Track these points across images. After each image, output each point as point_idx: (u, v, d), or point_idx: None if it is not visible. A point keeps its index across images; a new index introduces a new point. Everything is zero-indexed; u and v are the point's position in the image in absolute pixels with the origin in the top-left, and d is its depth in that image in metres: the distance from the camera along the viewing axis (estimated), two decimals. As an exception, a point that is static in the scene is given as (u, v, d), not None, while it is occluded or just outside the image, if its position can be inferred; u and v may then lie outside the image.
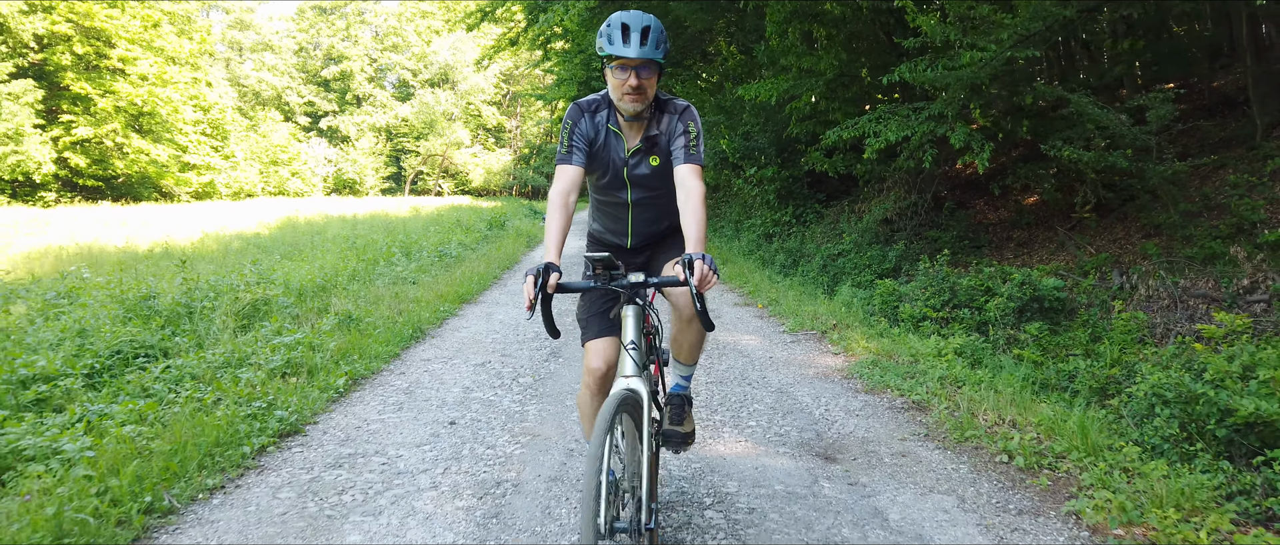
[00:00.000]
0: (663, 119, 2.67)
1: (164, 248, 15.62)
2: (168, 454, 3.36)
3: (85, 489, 2.93)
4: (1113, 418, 4.49)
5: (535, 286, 2.16)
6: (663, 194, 2.74)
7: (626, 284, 2.36)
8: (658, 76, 2.55)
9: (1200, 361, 4.78)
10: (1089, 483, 3.27)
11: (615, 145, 2.69)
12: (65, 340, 4.94)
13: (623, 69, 2.47)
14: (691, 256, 2.20)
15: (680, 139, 2.60)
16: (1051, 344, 6.95)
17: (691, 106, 2.68)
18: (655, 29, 2.48)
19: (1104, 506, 3.05)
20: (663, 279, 2.36)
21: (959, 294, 8.12)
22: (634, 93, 2.50)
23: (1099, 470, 3.36)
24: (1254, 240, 7.72)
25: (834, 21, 12.43)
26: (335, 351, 5.52)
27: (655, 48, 2.45)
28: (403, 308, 7.51)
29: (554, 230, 2.45)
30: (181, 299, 6.24)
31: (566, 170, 2.59)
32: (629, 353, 2.42)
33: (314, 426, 4.26)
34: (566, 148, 2.64)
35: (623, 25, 2.46)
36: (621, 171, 2.71)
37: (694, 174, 2.55)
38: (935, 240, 11.15)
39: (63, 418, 3.65)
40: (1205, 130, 11.20)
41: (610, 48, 2.46)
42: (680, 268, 2.21)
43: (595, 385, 2.68)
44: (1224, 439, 3.97)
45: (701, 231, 2.41)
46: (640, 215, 2.84)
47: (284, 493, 3.34)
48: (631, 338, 2.44)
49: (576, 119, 2.65)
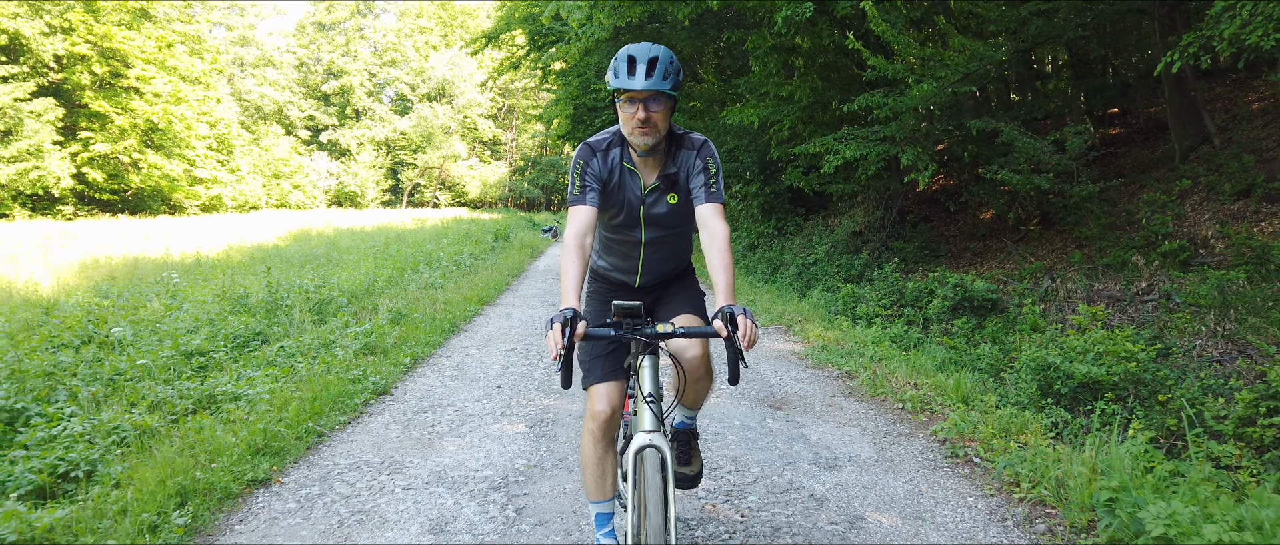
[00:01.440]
0: (679, 155, 2.59)
1: (195, 258, 16.99)
2: (308, 401, 4.81)
3: (269, 417, 4.39)
4: (990, 380, 5.97)
5: (563, 334, 2.07)
6: (677, 233, 2.72)
7: (652, 334, 2.25)
8: (670, 109, 2.46)
9: (1066, 343, 6.28)
10: (950, 418, 4.75)
11: (631, 183, 2.61)
12: (199, 327, 6.40)
13: (631, 102, 2.40)
14: (732, 310, 2.13)
15: (700, 176, 2.53)
16: (975, 335, 8.45)
17: (709, 142, 2.61)
18: (664, 60, 2.39)
19: (953, 428, 4.54)
20: (697, 330, 2.25)
21: (906, 295, 9.62)
22: (643, 126, 2.41)
23: (960, 410, 4.84)
24: (1156, 250, 9.23)
25: (807, 54, 13.97)
26: (396, 339, 6.98)
27: (664, 79, 2.37)
28: (437, 308, 8.98)
29: (572, 274, 2.35)
30: (267, 298, 7.70)
31: (580, 211, 2.49)
32: (649, 406, 2.30)
33: (397, 389, 5.72)
34: (578, 188, 2.52)
35: (629, 58, 2.40)
36: (637, 210, 2.63)
37: (717, 214, 2.48)
38: (899, 250, 12.70)
39: (226, 377, 5.10)
40: (1136, 153, 12.79)
41: (617, 81, 2.39)
42: (720, 322, 2.13)
43: (600, 431, 2.62)
44: (1068, 394, 5.45)
45: (731, 278, 2.35)
46: (652, 254, 2.75)
47: (392, 426, 4.79)
48: (649, 390, 2.33)
49: (588, 159, 2.56)
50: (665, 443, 2.26)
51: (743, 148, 17.48)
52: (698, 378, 2.68)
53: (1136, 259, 9.31)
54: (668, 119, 2.47)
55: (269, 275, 8.86)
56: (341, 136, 65.94)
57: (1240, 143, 10.74)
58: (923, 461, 4.17)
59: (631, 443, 2.29)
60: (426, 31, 73.08)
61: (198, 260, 16.59)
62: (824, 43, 12.64)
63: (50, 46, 32.18)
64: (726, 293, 2.28)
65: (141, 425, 3.95)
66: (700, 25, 15.86)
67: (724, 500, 3.64)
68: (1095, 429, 4.09)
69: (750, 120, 13.83)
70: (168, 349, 5.54)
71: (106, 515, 3.04)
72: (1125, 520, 2.92)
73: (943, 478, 3.92)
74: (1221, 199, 9.76)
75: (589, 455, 2.67)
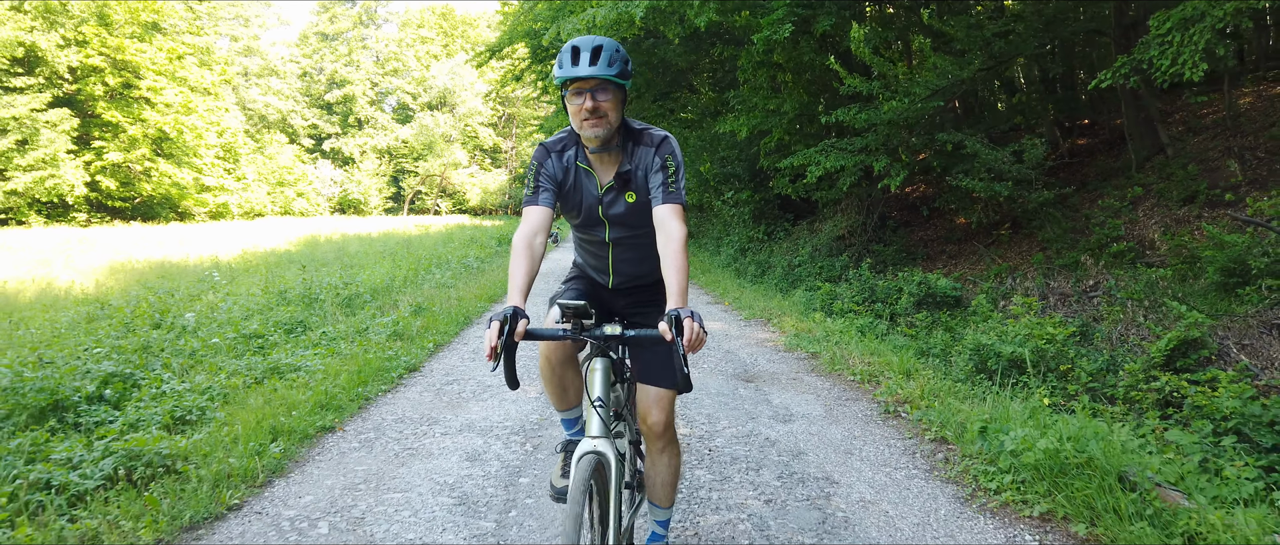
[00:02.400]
0: (636, 152, 2.50)
1: (212, 262, 17.94)
2: (355, 373, 5.76)
3: (326, 383, 5.34)
4: (938, 361, 6.92)
5: (500, 334, 2.02)
6: (646, 232, 2.57)
7: (601, 336, 2.19)
8: (620, 100, 2.39)
9: (1003, 329, 7.24)
10: (890, 383, 5.70)
11: (587, 183, 2.55)
12: (251, 316, 7.35)
13: (578, 93, 2.34)
14: (678, 312, 2.05)
15: (657, 175, 2.44)
16: (934, 326, 9.40)
17: (669, 137, 2.52)
18: (608, 48, 2.32)
19: (888, 392, 5.50)
20: (641, 333, 2.16)
21: (877, 292, 10.58)
22: (592, 117, 2.35)
23: (899, 380, 5.79)
24: (1106, 251, 10.16)
25: (794, 69, 14.95)
26: (419, 328, 7.93)
27: (609, 65, 2.30)
28: (452, 303, 9.92)
29: (519, 273, 2.30)
30: (303, 292, 8.66)
31: (533, 212, 2.45)
32: (596, 411, 2.24)
33: (425, 367, 6.67)
34: (532, 188, 2.49)
35: (573, 48, 2.34)
36: (596, 210, 2.57)
37: (674, 215, 2.40)
38: (879, 253, 13.67)
39: (282, 354, 6.05)
40: (1100, 162, 13.77)
41: (562, 72, 2.34)
42: (664, 325, 2.04)
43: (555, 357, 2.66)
44: (998, 370, 6.40)
45: (684, 281, 2.28)
46: (622, 254, 2.68)
47: (425, 393, 5.74)
48: (598, 394, 2.27)
49: (542, 160, 2.52)
50: (611, 450, 2.19)
51: (734, 157, 18.47)
52: (663, 448, 2.64)
53: (1086, 259, 10.24)
54: (619, 110, 2.40)
55: (304, 273, 9.82)
56: (344, 145, 66.98)
57: (1189, 153, 11.71)
58: (861, 416, 5.13)
59: (577, 448, 2.22)
60: (428, 42, 74.27)
61: (216, 264, 17.55)
62: (805, 61, 13.63)
63: (65, 58, 33.22)
64: (678, 295, 2.22)
65: (229, 386, 4.90)
66: (693, 41, 16.87)
67: (697, 441, 4.60)
68: (997, 391, 5.05)
69: (740, 131, 14.80)
70: (230, 332, 6.49)
71: (222, 444, 3.99)
72: (993, 444, 3.88)
73: (874, 427, 4.87)
74: (1170, 205, 10.69)
75: (547, 376, 2.69)
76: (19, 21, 31.16)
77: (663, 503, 2.77)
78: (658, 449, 2.63)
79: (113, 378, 4.71)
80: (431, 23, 75.84)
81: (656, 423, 2.57)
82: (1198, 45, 7.30)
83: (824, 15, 11.67)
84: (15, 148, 31.07)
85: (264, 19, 69.04)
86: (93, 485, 3.32)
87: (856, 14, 12.03)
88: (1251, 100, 13.07)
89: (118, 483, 3.41)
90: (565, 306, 2.16)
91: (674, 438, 2.66)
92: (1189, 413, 4.49)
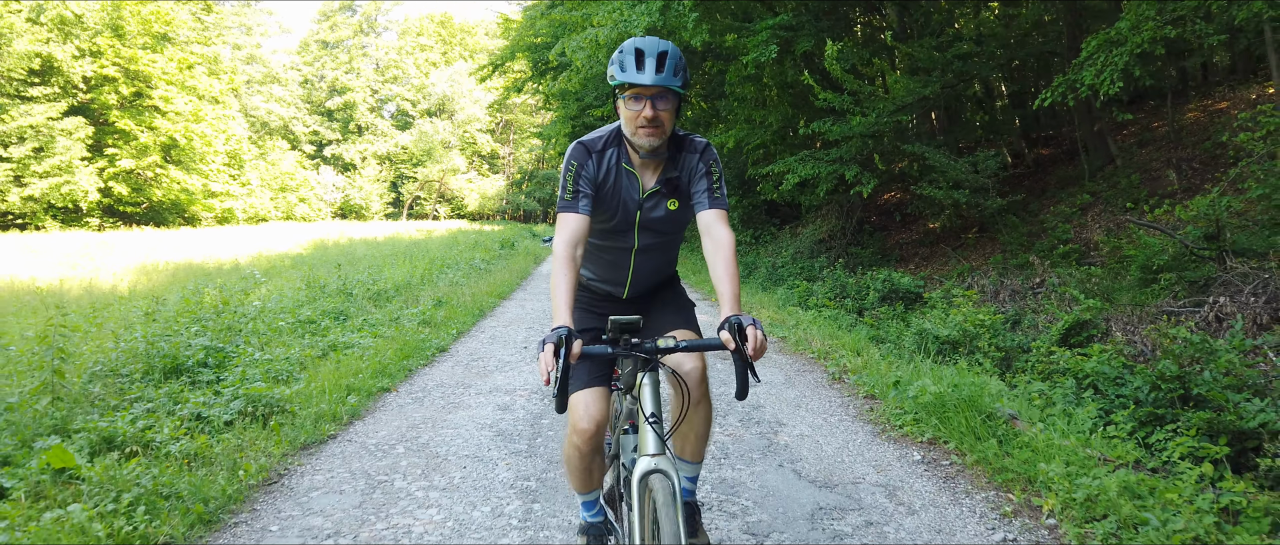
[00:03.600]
0: (681, 158, 2.45)
1: (232, 264, 19.06)
2: (398, 351, 6.94)
3: (377, 357, 6.53)
4: (891, 346, 8.13)
5: (556, 355, 1.93)
6: (670, 241, 2.58)
7: (653, 349, 2.12)
8: (676, 109, 2.33)
9: (947, 317, 8.45)
10: (841, 359, 6.90)
11: (628, 185, 2.45)
12: (301, 305, 8.55)
13: (636, 99, 2.27)
14: (740, 320, 2.03)
15: (702, 181, 2.42)
16: (894, 317, 10.61)
17: (711, 145, 2.49)
18: (673, 55, 2.25)
19: (836, 364, 6.70)
20: (703, 343, 2.14)
21: (847, 289, 11.80)
22: (649, 126, 2.28)
23: (849, 355, 6.99)
24: (1055, 252, 11.34)
25: (778, 84, 16.19)
26: (443, 318, 9.12)
27: (674, 75, 2.24)
28: (466, 299, 11.11)
29: (563, 289, 2.19)
30: (339, 287, 9.86)
31: (571, 219, 2.34)
32: (651, 428, 2.15)
33: (452, 349, 7.87)
34: (571, 193, 2.37)
35: (636, 51, 2.24)
36: (634, 215, 2.48)
37: (721, 220, 2.38)
38: (856, 255, 14.90)
39: (333, 336, 7.24)
40: (1059, 172, 15.02)
41: (623, 76, 2.25)
42: (727, 333, 2.01)
43: (585, 445, 2.45)
44: (936, 351, 7.60)
45: (737, 287, 2.24)
46: (643, 263, 2.61)
47: (455, 368, 6.93)
48: (651, 409, 2.17)
49: (582, 160, 2.40)
50: (673, 466, 2.11)
51: (724, 164, 19.70)
52: (699, 399, 2.53)
53: (1035, 260, 11.42)
54: (674, 119, 2.35)
55: (340, 271, 11.02)
56: (345, 151, 68.10)
57: (1135, 164, 12.94)
58: (813, 382, 6.34)
59: (636, 467, 2.13)
60: (427, 50, 75.52)
61: (239, 266, 18.67)
62: (788, 78, 14.86)
63: (80, 68, 34.36)
64: (732, 302, 2.18)
65: (304, 356, 6.10)
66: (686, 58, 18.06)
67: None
68: (929, 363, 6.25)
69: (729, 141, 16.02)
70: (289, 318, 7.69)
71: (311, 396, 5.18)
72: (903, 394, 5.09)
73: (823, 390, 6.08)
74: (1114, 211, 11.91)
75: (573, 462, 2.53)
76: (36, 34, 32.32)
77: (695, 457, 2.70)
78: (696, 400, 2.53)
79: (210, 350, 5.89)
80: (430, 31, 77.11)
81: (693, 370, 2.47)
82: (1118, 65, 8.53)
83: (804, 37, 12.89)
84: (32, 155, 32.20)
85: (266, 27, 70.23)
86: (229, 418, 4.51)
87: (834, 35, 13.23)
88: (1196, 115, 14.30)
89: (245, 418, 4.59)
90: (615, 322, 2.10)
91: (707, 391, 2.59)
92: (1063, 376, 5.70)
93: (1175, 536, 2.98)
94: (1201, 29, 8.29)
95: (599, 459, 2.57)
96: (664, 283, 2.79)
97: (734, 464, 4.31)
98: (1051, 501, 3.49)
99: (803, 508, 3.67)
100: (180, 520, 3.19)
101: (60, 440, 3.74)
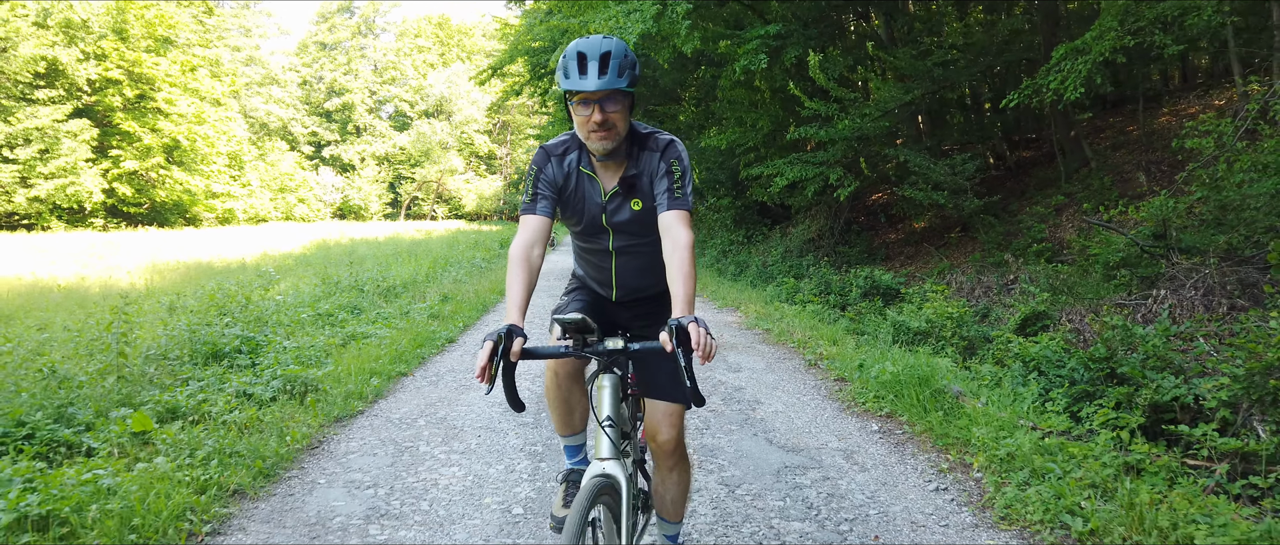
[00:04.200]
0: (642, 157, 2.39)
1: (239, 264, 19.63)
2: (412, 340, 7.55)
3: (394, 345, 7.14)
4: (868, 336, 8.75)
5: (492, 355, 1.91)
6: (652, 241, 2.42)
7: (604, 351, 2.09)
8: (628, 108, 2.27)
9: (919, 311, 9.08)
10: (818, 347, 7.52)
11: (590, 189, 2.44)
12: (320, 298, 9.16)
13: (584, 104, 2.20)
14: (681, 321, 1.90)
15: (663, 180, 2.34)
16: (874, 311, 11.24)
17: (676, 141, 2.40)
18: (617, 53, 2.17)
19: (813, 351, 7.33)
20: (645, 345, 2.04)
21: (832, 286, 12.43)
22: (600, 129, 2.23)
23: (826, 345, 7.61)
24: (1029, 251, 11.95)
25: (769, 89, 16.82)
26: (449, 311, 9.74)
27: (618, 76, 2.16)
28: (469, 295, 11.73)
29: (516, 288, 2.19)
30: (351, 283, 10.48)
31: (530, 221, 2.35)
32: (605, 431, 2.14)
33: (459, 340, 8.49)
34: (531, 196, 2.38)
35: (578, 55, 2.17)
36: (599, 217, 2.46)
37: (680, 221, 2.29)
38: (844, 254, 15.54)
39: (351, 328, 7.85)
40: (1039, 173, 15.65)
41: (567, 83, 2.19)
42: (665, 335, 1.89)
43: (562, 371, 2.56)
44: (907, 341, 8.22)
45: (691, 289, 2.13)
46: (626, 264, 2.58)
47: (464, 357, 7.54)
48: (608, 413, 2.16)
49: (542, 164, 2.41)
50: (620, 472, 2.10)
51: (717, 166, 20.34)
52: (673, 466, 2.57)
53: (1009, 258, 12.04)
54: (627, 118, 2.31)
55: (351, 268, 11.64)
56: (344, 152, 68.64)
57: (1108, 166, 13.58)
58: (792, 368, 6.96)
59: (589, 468, 2.14)
60: (424, 51, 76.04)
61: (243, 265, 19.25)
62: (777, 85, 15.50)
63: (85, 72, 34.91)
64: (685, 304, 2.11)
65: (329, 344, 6.72)
66: (680, 63, 18.73)
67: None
68: (898, 350, 6.88)
69: (722, 144, 16.65)
70: (309, 311, 8.31)
71: (339, 377, 5.79)
72: (866, 373, 5.72)
73: (800, 375, 6.71)
74: (1087, 211, 12.53)
75: (552, 394, 2.60)
76: (42, 38, 32.86)
77: (672, 518, 2.70)
78: (667, 467, 2.55)
79: (243, 339, 6.50)
80: (428, 32, 77.66)
81: (666, 440, 2.49)
82: (1081, 72, 9.16)
83: (793, 45, 13.52)
84: (38, 157, 32.74)
85: (264, 29, 70.70)
86: (272, 395, 5.12)
87: (819, 45, 13.87)
88: (1168, 120, 14.95)
89: (285, 395, 5.21)
90: (564, 321, 2.08)
91: (684, 454, 2.58)
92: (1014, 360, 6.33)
93: (1073, 481, 3.60)
94: (1160, 39, 8.90)
95: (579, 391, 2.61)
96: (660, 293, 2.53)
97: (715, 434, 4.93)
98: (980, 459, 4.12)
99: (771, 466, 4.29)
100: (246, 472, 3.81)
101: (130, 412, 4.35)
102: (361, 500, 3.76)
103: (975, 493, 3.87)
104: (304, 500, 3.74)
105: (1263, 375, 4.31)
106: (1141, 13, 8.99)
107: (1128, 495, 3.37)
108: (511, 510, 3.68)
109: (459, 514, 3.61)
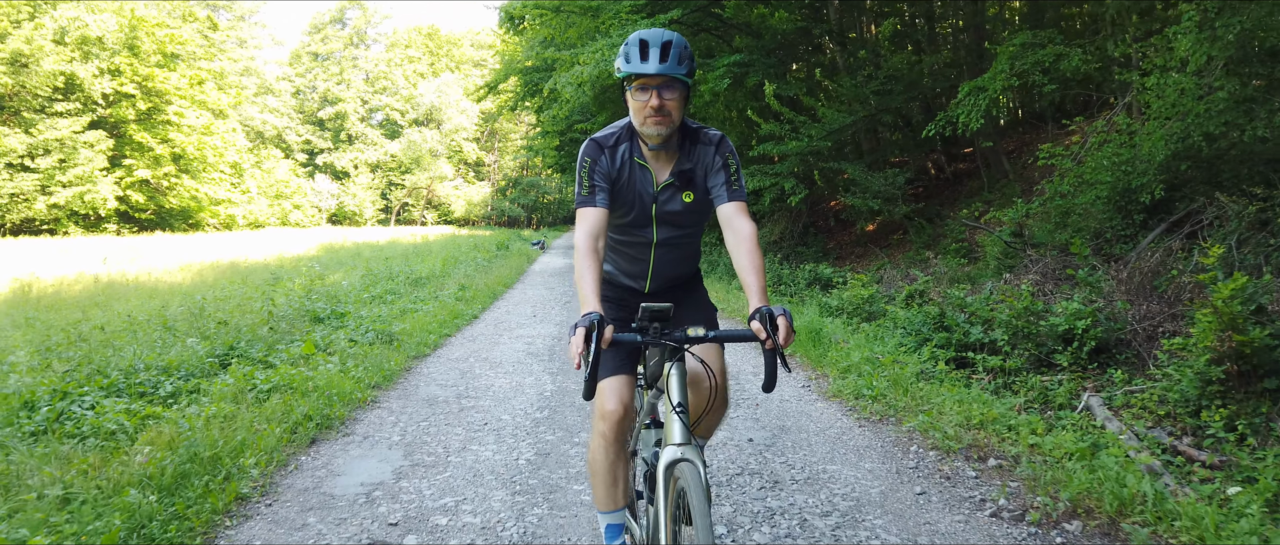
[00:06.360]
0: (695, 150, 2.48)
1: (263, 264, 21.78)
2: (449, 315, 9.92)
3: (435, 318, 9.52)
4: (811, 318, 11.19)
5: (587, 340, 1.98)
6: (690, 234, 2.58)
7: (683, 337, 2.13)
8: (684, 98, 2.36)
9: (842, 296, 11.54)
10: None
11: (642, 179, 2.49)
12: (367, 286, 11.51)
13: (643, 89, 2.30)
14: (771, 310, 2.06)
15: (720, 173, 2.44)
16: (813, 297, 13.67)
17: (726, 138, 2.50)
18: (677, 44, 2.29)
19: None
20: (733, 332, 2.15)
21: (783, 278, 14.89)
22: (657, 114, 2.31)
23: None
24: (948, 250, 14.37)
25: (736, 109, 19.25)
26: (470, 296, 12.11)
27: (678, 63, 2.28)
28: (481, 287, 14.08)
29: (589, 278, 2.24)
30: (386, 274, 12.84)
31: (589, 213, 2.39)
32: (679, 417, 2.12)
33: (482, 317, 10.85)
34: (587, 188, 2.42)
35: (641, 42, 2.29)
36: (649, 208, 2.51)
37: (741, 212, 2.41)
38: (802, 253, 18.00)
39: (400, 305, 10.21)
40: (970, 183, 18.17)
41: (628, 67, 2.30)
42: (758, 323, 2.04)
43: (611, 433, 2.49)
44: (828, 315, 10.64)
45: (763, 279, 2.24)
46: (664, 256, 2.62)
47: (488, 327, 9.90)
48: (678, 399, 2.15)
49: (595, 156, 2.45)
50: (700, 457, 2.08)
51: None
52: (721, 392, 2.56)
53: (929, 255, 14.47)
54: (682, 108, 2.37)
55: (387, 263, 14.02)
56: (337, 159, 70.51)
57: (1022, 177, 16.07)
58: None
59: (661, 457, 2.13)
60: (414, 61, 77.93)
61: (265, 266, 21.40)
62: (739, 107, 17.97)
63: (100, 86, 37.01)
64: (759, 293, 2.19)
65: (390, 315, 9.10)
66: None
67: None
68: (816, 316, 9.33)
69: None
70: (365, 293, 10.68)
71: (409, 333, 8.17)
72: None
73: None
74: (963, 217, 14.97)
75: (598, 461, 2.57)
76: (61, 54, 34.94)
77: (704, 435, 2.79)
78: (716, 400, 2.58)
79: (331, 310, 8.85)
80: (418, 43, 79.69)
81: (720, 370, 2.57)
82: (981, 107, 11.61)
83: (754, 72, 15.98)
84: (57, 166, 34.79)
85: (259, 40, 72.63)
86: (369, 341, 7.50)
87: (777, 73, 16.33)
88: (1078, 137, 17.42)
89: (378, 342, 7.59)
90: (648, 309, 2.12)
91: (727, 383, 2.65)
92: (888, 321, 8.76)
93: (879, 376, 6.04)
94: (1039, 79, 11.36)
95: (624, 457, 2.61)
96: (687, 281, 2.78)
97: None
98: (833, 371, 6.56)
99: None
100: (380, 374, 6.21)
101: (283, 348, 6.71)
102: (451, 391, 6.17)
103: (825, 387, 6.31)
104: (417, 389, 6.16)
105: (1018, 318, 6.77)
106: (1026, 57, 11.46)
107: (905, 381, 5.82)
108: (543, 393, 6.10)
109: (509, 397, 6.02)
